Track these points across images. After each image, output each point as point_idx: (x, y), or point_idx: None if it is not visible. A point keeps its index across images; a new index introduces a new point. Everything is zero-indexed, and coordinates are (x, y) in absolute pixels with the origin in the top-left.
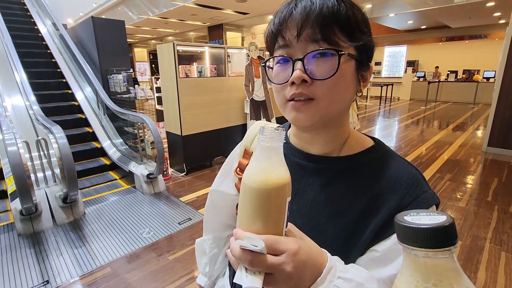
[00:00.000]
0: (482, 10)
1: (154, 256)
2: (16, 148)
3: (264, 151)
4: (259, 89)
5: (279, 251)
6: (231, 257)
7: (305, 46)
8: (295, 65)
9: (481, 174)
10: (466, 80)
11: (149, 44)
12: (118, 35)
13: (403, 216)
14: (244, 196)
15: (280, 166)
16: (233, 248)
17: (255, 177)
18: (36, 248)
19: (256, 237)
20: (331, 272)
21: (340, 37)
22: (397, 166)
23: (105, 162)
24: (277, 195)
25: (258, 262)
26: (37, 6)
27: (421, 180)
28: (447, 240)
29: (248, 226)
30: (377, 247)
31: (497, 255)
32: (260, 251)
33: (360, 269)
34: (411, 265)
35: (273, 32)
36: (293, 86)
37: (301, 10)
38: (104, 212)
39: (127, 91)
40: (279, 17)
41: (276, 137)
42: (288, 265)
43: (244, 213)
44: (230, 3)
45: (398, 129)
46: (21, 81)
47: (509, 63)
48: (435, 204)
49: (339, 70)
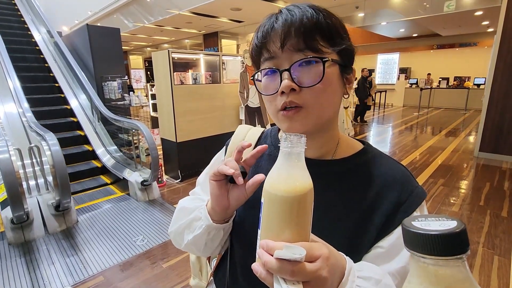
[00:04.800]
0: (471, 19)
1: (148, 264)
2: (8, 155)
3: (289, 157)
4: (253, 96)
5: (314, 257)
6: (262, 271)
7: (290, 55)
8: (283, 75)
9: (473, 179)
10: (457, 86)
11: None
12: (113, 42)
13: (411, 221)
14: (271, 205)
15: (305, 171)
16: (268, 261)
17: (283, 185)
18: (27, 257)
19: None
20: (351, 273)
21: (322, 44)
22: (389, 165)
23: (96, 165)
24: (306, 201)
25: (299, 271)
26: (32, 14)
27: (411, 177)
28: (459, 247)
29: (277, 235)
30: (382, 243)
31: (490, 259)
32: (300, 260)
33: (371, 265)
34: (420, 273)
35: (258, 46)
36: (283, 95)
37: (283, 22)
38: (97, 219)
39: (122, 98)
40: (262, 31)
41: (300, 142)
42: (324, 270)
43: (271, 223)
44: (225, 12)
45: (392, 135)
46: (14, 88)
47: (498, 70)
48: (424, 197)
49: (325, 75)
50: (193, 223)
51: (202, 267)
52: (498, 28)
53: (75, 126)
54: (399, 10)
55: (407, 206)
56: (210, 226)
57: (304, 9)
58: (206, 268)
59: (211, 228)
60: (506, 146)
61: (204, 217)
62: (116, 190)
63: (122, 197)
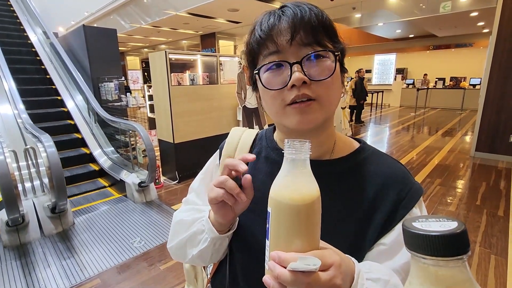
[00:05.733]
0: (466, 19)
1: (145, 266)
2: (3, 157)
3: (295, 164)
4: (251, 97)
5: (327, 266)
6: (274, 284)
7: (298, 50)
8: (293, 68)
9: (470, 179)
10: (454, 87)
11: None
12: (110, 43)
13: (412, 222)
14: (279, 215)
15: (312, 178)
16: (282, 273)
17: (290, 194)
18: (23, 260)
19: (309, 255)
20: (360, 276)
21: (327, 41)
22: (388, 163)
23: (94, 168)
24: (314, 208)
25: (314, 281)
26: (28, 15)
27: (409, 174)
28: (459, 248)
29: (287, 245)
30: (384, 240)
31: (486, 258)
32: (315, 270)
33: (378, 265)
34: (421, 274)
35: (262, 38)
36: (292, 89)
37: (292, 16)
38: (94, 221)
39: (119, 99)
40: (266, 23)
41: (304, 148)
42: (338, 278)
43: (280, 233)
44: (222, 13)
45: (389, 135)
46: (10, 89)
47: (493, 70)
48: (422, 193)
49: (335, 70)
50: (196, 237)
51: (197, 274)
52: (493, 29)
53: (72, 129)
54: (395, 11)
55: (407, 202)
56: (215, 238)
57: (310, 7)
58: (202, 275)
59: (216, 239)
60: (502, 146)
61: (209, 230)
62: (114, 192)
63: (119, 198)
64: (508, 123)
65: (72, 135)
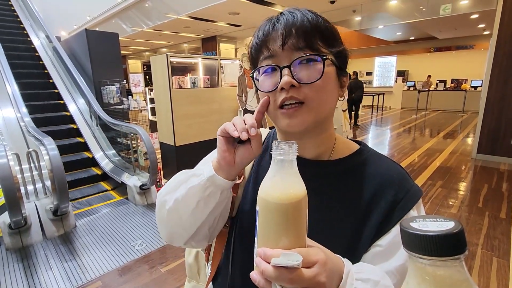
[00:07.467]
0: (467, 22)
1: (147, 269)
2: (6, 160)
3: (282, 165)
4: (252, 99)
5: (311, 263)
6: (260, 280)
7: (290, 54)
8: (283, 71)
9: (472, 181)
10: (455, 89)
11: (143, 55)
12: (111, 47)
13: (409, 222)
14: (266, 213)
15: (298, 178)
16: (266, 269)
17: (277, 193)
18: (25, 262)
19: (292, 252)
20: (349, 275)
21: (321, 44)
22: (386, 165)
23: (96, 172)
24: (300, 207)
25: (296, 277)
26: (31, 20)
27: (407, 176)
28: (456, 248)
29: (274, 243)
30: (380, 241)
31: (489, 260)
32: (297, 266)
33: (371, 266)
34: (418, 274)
35: (258, 44)
36: (282, 92)
37: (284, 23)
38: (95, 224)
39: (121, 102)
40: (262, 30)
41: (291, 149)
42: (322, 275)
43: (267, 231)
44: (223, 16)
45: (391, 137)
46: (13, 93)
47: (494, 72)
48: (420, 195)
49: (324, 73)
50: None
51: (200, 269)
52: (494, 32)
53: (75, 133)
54: (396, 13)
55: (404, 204)
56: (210, 179)
57: (305, 12)
58: (205, 270)
59: (210, 182)
60: (503, 148)
61: (208, 170)
62: (115, 195)
63: (120, 201)
64: (509, 125)
65: (75, 139)
